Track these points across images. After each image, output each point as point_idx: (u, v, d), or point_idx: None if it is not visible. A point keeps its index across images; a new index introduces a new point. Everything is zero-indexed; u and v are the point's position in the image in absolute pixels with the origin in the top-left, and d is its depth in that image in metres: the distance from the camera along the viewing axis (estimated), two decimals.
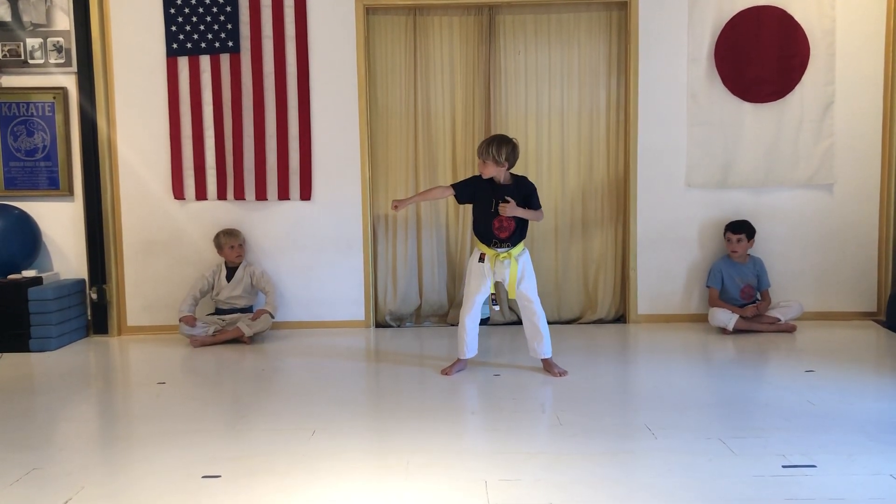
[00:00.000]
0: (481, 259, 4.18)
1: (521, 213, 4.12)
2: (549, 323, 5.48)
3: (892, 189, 5.36)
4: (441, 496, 2.73)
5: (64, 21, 5.28)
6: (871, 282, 5.49)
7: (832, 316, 5.48)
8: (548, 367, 4.27)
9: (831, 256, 5.48)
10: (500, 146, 4.09)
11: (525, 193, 4.18)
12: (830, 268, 5.48)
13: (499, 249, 4.14)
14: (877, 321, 5.41)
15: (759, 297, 5.29)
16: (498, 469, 2.95)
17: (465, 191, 4.26)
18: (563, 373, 4.22)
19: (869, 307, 5.51)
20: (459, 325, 4.29)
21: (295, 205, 5.47)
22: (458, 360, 4.33)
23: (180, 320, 5.13)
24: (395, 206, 4.20)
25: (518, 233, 4.16)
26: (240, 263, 5.31)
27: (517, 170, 5.42)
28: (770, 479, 2.80)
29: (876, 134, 5.39)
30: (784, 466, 2.91)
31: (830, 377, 4.09)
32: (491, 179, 4.17)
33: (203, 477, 2.93)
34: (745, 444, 3.14)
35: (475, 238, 4.31)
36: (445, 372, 4.29)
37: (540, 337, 4.24)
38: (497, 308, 4.24)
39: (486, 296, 4.25)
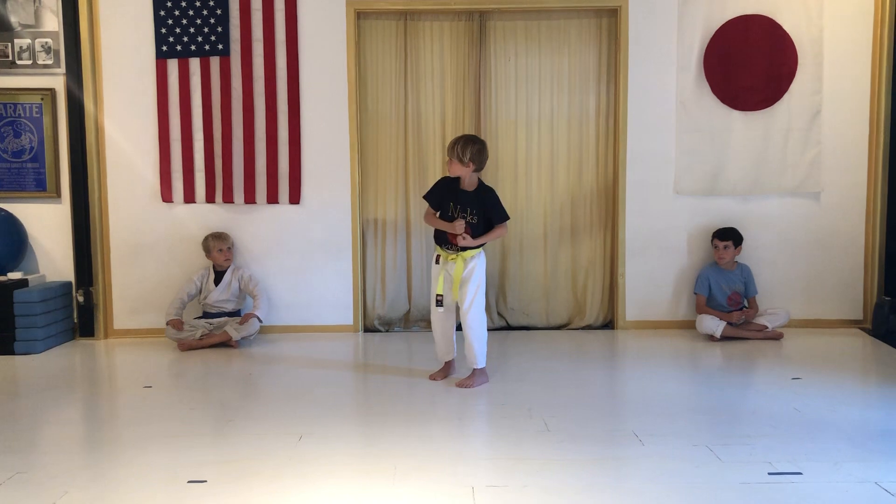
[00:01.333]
0: (437, 261, 4.17)
1: (478, 241, 4.05)
2: (538, 329, 5.57)
3: (879, 197, 5.40)
4: (428, 501, 2.72)
5: (53, 22, 5.25)
6: (858, 290, 5.53)
7: (819, 324, 5.51)
8: (470, 376, 4.18)
9: (818, 264, 5.51)
10: (466, 145, 4.02)
11: (487, 206, 4.09)
12: (817, 276, 5.52)
13: (448, 250, 4.11)
14: (863, 329, 5.44)
15: (745, 304, 5.31)
16: (485, 475, 2.95)
17: (434, 199, 4.21)
18: (468, 385, 4.11)
19: (855, 315, 5.54)
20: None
21: (284, 208, 5.45)
22: (445, 363, 4.33)
23: (167, 324, 5.11)
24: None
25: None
26: (228, 267, 5.29)
27: (504, 173, 5.53)
28: (756, 486, 2.81)
29: (863, 143, 5.43)
30: (770, 474, 2.92)
31: (817, 385, 4.11)
32: (457, 184, 4.11)
33: (189, 481, 2.91)
34: (732, 451, 3.15)
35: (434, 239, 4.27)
36: (434, 377, 4.29)
37: (469, 345, 4.14)
38: (441, 309, 4.15)
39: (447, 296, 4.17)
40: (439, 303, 4.12)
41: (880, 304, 5.27)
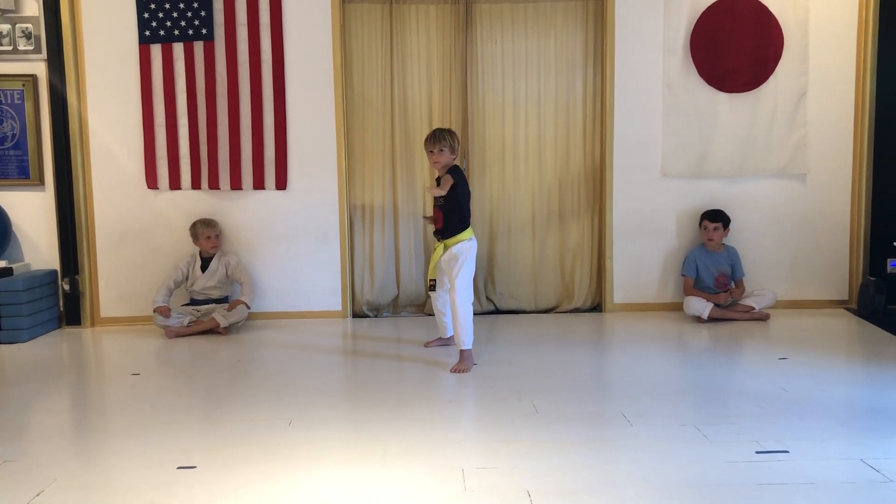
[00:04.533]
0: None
1: (436, 191, 4.17)
2: (526, 312, 5.58)
3: (864, 179, 5.43)
4: (418, 484, 2.73)
5: (33, 7, 5.18)
6: (843, 270, 5.57)
7: (805, 304, 5.55)
8: (459, 360, 4.19)
9: (804, 245, 5.54)
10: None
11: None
12: (803, 257, 5.55)
13: (438, 238, 4.31)
14: (848, 309, 5.48)
15: (733, 285, 5.34)
16: (475, 457, 2.96)
17: None
18: (461, 370, 4.12)
19: (841, 295, 5.58)
20: None
21: (270, 194, 5.43)
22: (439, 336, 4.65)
23: (154, 311, 5.08)
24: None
25: (446, 227, 4.22)
26: (215, 254, 5.27)
27: (491, 157, 5.52)
28: (744, 464, 2.84)
29: (848, 124, 5.45)
30: (758, 452, 2.94)
31: (803, 364, 4.14)
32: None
33: (178, 468, 2.91)
34: (720, 430, 3.18)
35: None
36: (426, 344, 4.66)
37: (454, 327, 4.21)
38: (433, 293, 4.42)
39: (440, 278, 4.38)
40: (432, 287, 4.36)
41: (865, 284, 5.31)
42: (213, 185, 5.36)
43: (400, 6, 5.42)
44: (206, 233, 5.23)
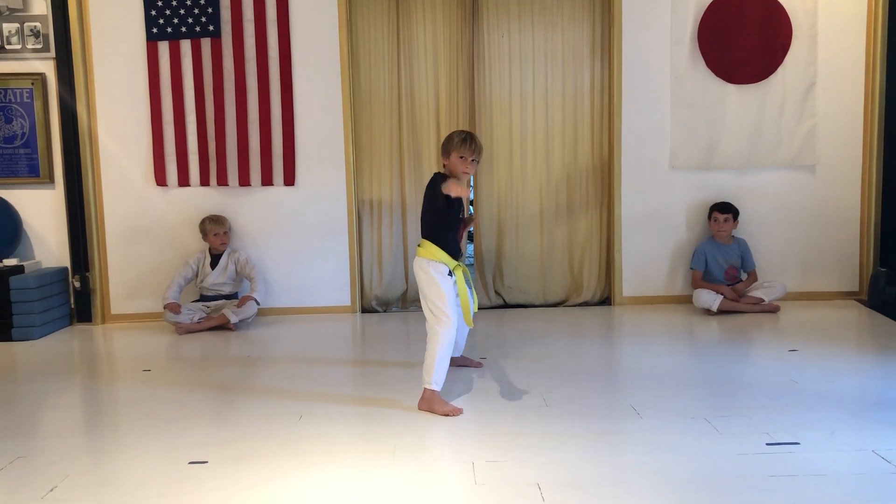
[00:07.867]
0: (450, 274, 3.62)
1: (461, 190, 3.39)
2: (535, 306, 5.57)
3: (874, 169, 5.40)
4: (428, 478, 2.74)
5: (41, 5, 5.20)
6: (853, 262, 5.54)
7: (815, 296, 5.53)
8: (422, 401, 3.46)
9: (814, 237, 5.52)
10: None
11: None
12: (813, 248, 5.53)
13: (457, 259, 3.65)
14: (859, 300, 5.46)
15: (742, 278, 5.32)
16: (485, 450, 2.96)
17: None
18: (433, 411, 3.41)
19: (851, 287, 5.56)
20: None
21: (279, 190, 5.44)
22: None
23: (165, 307, 5.11)
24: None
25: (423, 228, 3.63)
26: (224, 250, 5.28)
27: (498, 151, 5.53)
28: (754, 456, 2.83)
29: (858, 115, 5.42)
30: (768, 444, 2.93)
31: (813, 356, 4.12)
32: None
33: (190, 463, 2.92)
34: (730, 422, 3.17)
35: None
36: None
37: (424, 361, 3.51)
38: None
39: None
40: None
41: (876, 275, 5.28)
42: (222, 181, 5.38)
43: (406, 0, 5.41)
44: (214, 229, 5.24)
